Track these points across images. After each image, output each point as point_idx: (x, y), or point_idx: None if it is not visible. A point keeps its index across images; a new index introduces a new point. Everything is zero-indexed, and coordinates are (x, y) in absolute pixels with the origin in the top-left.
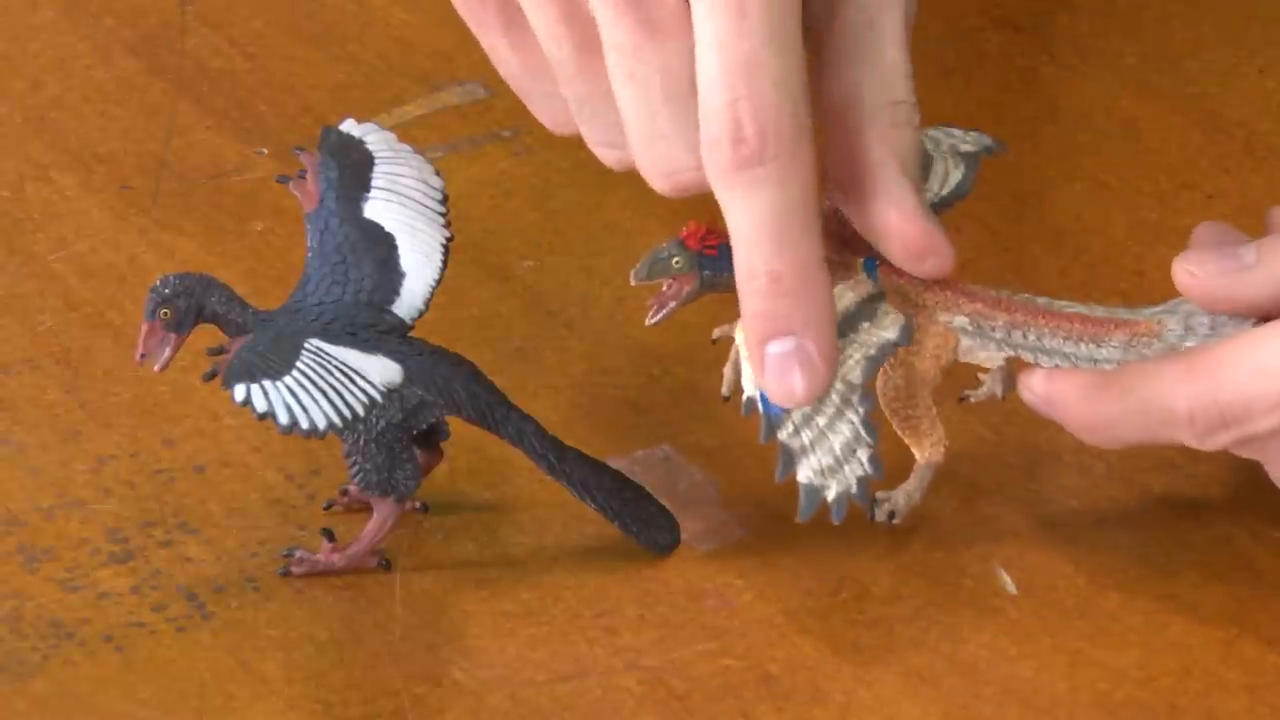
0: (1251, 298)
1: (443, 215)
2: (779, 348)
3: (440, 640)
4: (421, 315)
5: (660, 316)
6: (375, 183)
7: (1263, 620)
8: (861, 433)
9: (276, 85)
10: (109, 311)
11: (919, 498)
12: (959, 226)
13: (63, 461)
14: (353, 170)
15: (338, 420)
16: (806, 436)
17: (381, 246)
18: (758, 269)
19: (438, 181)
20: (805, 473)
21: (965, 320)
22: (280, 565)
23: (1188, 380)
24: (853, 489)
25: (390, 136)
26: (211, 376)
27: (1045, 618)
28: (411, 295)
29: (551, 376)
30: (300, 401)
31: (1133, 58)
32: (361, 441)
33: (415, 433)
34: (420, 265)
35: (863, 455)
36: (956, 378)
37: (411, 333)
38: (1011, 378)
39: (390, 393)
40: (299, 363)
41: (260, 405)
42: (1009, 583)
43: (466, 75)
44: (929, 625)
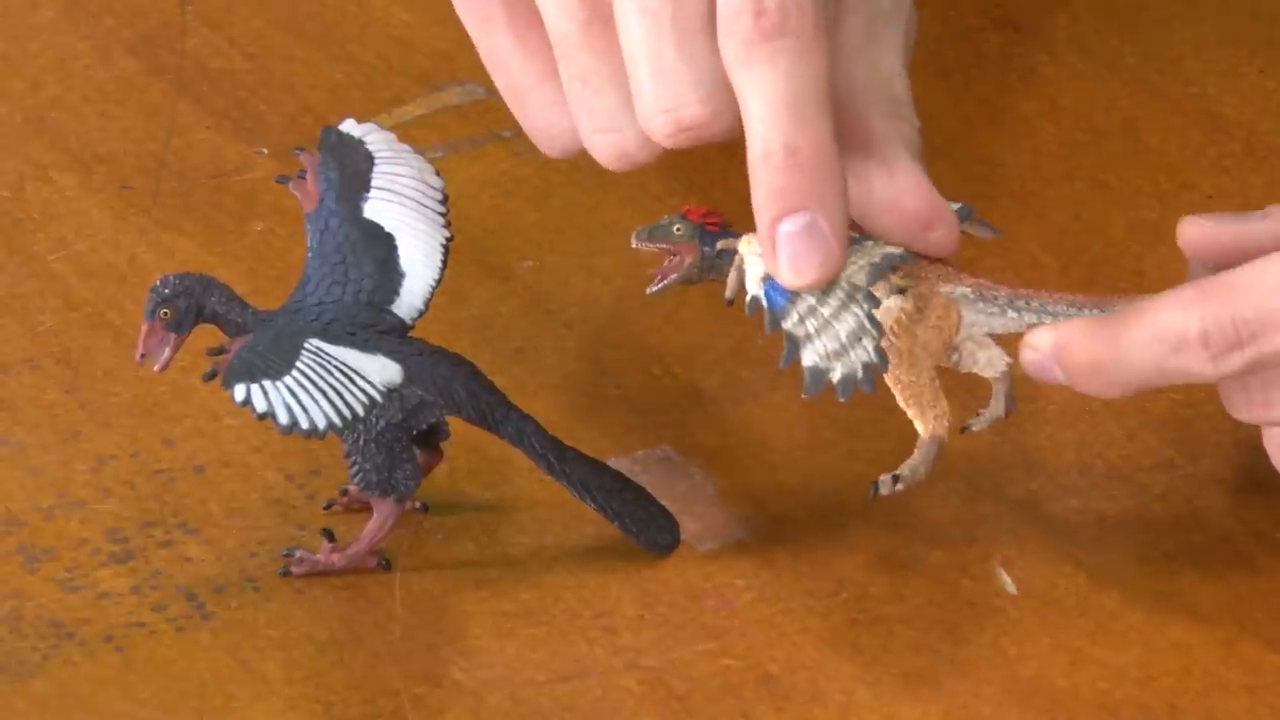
0: (1258, 250)
1: (443, 215)
2: (792, 224)
3: (440, 640)
4: (421, 315)
5: (660, 287)
6: (375, 183)
7: (1263, 620)
8: (866, 324)
9: (276, 85)
10: (109, 311)
11: (924, 472)
12: None
13: (63, 461)
14: (353, 170)
15: (338, 420)
16: (811, 325)
17: (381, 246)
18: (774, 144)
19: (438, 181)
20: (810, 357)
21: (968, 290)
22: (280, 565)
23: (1201, 301)
24: (858, 374)
25: (390, 136)
26: (211, 376)
27: (1045, 617)
28: (411, 295)
29: (551, 376)
30: (300, 401)
31: (1133, 58)
32: (361, 441)
33: (415, 433)
34: (420, 265)
35: (868, 344)
36: (959, 408)
37: (411, 333)
38: (1013, 396)
39: (390, 393)
40: (299, 363)
41: (260, 405)
42: (1009, 583)
43: (466, 75)
44: (929, 625)
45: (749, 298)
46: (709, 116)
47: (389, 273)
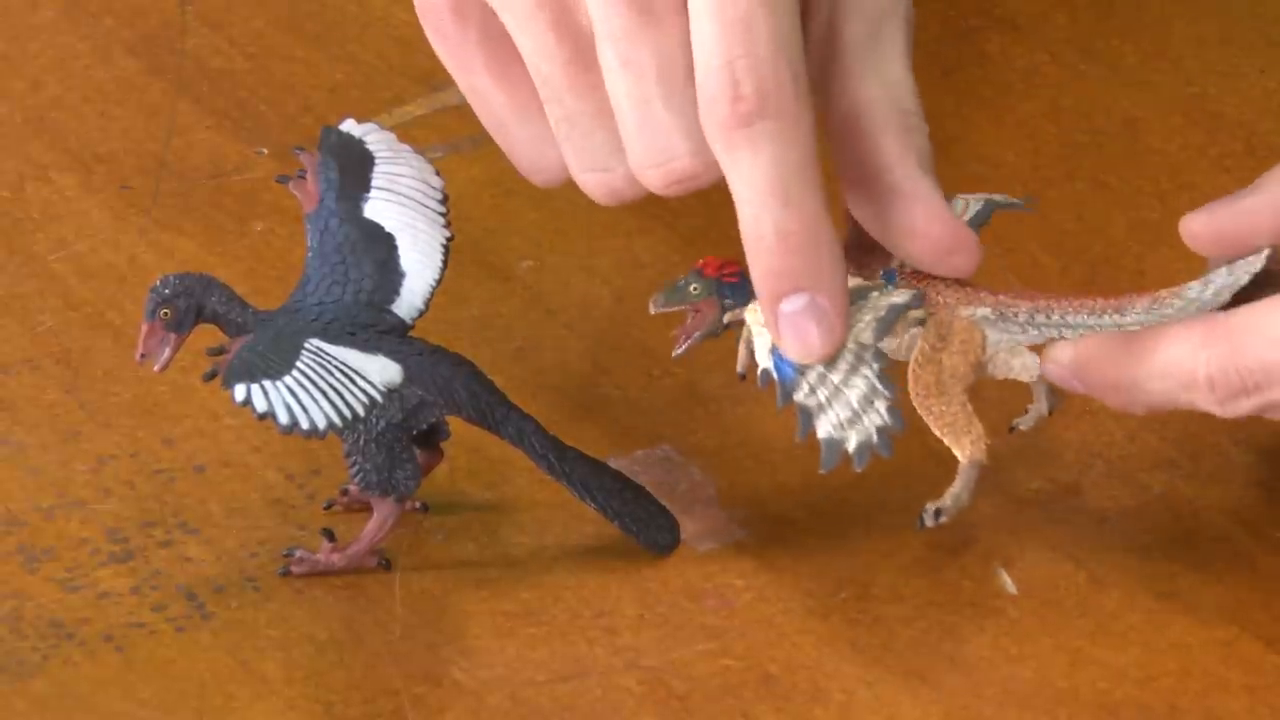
0: (1257, 225)
1: (443, 215)
2: (792, 305)
3: (440, 640)
4: (421, 315)
5: (684, 348)
6: (375, 183)
7: (1263, 620)
8: (878, 385)
9: (276, 85)
10: (109, 311)
11: (967, 498)
12: None
13: (63, 461)
14: (353, 170)
15: (338, 420)
16: (822, 394)
17: (381, 246)
18: (765, 228)
19: (438, 181)
20: (825, 428)
21: (988, 311)
22: (280, 565)
23: (1207, 344)
24: (874, 439)
25: (390, 136)
26: (211, 376)
27: (1045, 618)
28: (411, 295)
29: (551, 376)
30: (300, 401)
31: (1133, 58)
32: (361, 441)
33: (415, 433)
34: (420, 265)
35: (880, 407)
36: (1002, 410)
37: (411, 333)
38: (1055, 392)
39: (390, 393)
40: (299, 363)
41: (260, 405)
42: (1009, 583)
43: None
44: (929, 625)
45: (760, 370)
46: (701, 168)
47: (389, 273)
